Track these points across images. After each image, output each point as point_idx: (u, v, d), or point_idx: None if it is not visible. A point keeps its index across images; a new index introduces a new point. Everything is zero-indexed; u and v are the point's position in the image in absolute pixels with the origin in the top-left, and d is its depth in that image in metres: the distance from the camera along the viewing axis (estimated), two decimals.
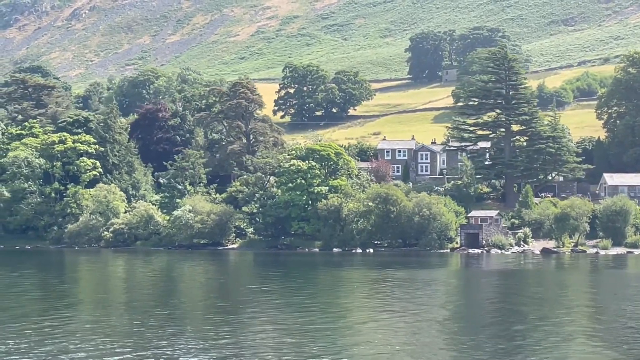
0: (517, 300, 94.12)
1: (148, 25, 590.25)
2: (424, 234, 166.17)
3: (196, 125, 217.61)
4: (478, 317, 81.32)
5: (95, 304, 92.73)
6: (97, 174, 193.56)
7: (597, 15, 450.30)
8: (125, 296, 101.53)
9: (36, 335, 68.81)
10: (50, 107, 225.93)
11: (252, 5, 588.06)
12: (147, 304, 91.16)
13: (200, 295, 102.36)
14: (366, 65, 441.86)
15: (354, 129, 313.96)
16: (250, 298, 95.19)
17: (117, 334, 70.20)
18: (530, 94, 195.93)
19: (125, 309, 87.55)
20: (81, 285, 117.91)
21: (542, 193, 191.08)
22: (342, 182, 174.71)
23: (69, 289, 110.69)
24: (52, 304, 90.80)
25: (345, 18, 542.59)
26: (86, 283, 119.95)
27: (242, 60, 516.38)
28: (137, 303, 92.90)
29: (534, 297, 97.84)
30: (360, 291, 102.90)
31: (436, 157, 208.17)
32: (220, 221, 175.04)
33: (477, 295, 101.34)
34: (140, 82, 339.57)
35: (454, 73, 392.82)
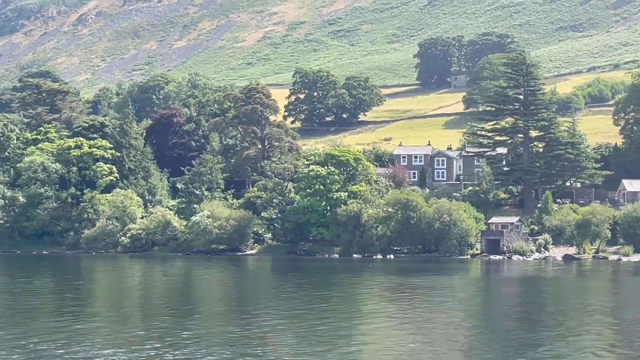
0: (545, 308, 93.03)
1: (154, 30, 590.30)
2: (444, 240, 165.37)
3: (211, 131, 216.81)
4: (506, 326, 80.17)
5: (116, 311, 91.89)
6: (113, 179, 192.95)
7: (605, 21, 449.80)
8: (147, 303, 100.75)
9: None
10: (65, 112, 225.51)
11: (258, 11, 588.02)
12: (167, 311, 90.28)
13: (222, 302, 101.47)
14: (374, 71, 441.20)
15: (365, 134, 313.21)
16: (274, 305, 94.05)
17: (133, 341, 69.41)
18: (548, 100, 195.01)
19: (145, 316, 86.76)
20: (104, 291, 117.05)
21: (559, 199, 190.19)
22: (362, 187, 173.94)
23: (94, 295, 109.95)
24: (77, 312, 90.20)
25: (352, 24, 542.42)
26: (108, 289, 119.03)
27: (249, 66, 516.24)
28: (157, 310, 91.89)
29: (561, 304, 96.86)
30: (385, 299, 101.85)
31: (452, 162, 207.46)
32: (239, 227, 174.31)
33: (504, 302, 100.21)
34: (150, 87, 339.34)
35: (462, 79, 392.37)
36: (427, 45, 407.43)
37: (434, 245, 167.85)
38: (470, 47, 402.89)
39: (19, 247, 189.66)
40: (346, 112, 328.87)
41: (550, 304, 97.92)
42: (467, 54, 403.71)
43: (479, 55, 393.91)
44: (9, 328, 75.50)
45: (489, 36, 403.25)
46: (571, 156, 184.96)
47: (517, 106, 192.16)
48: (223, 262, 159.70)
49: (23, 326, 76.64)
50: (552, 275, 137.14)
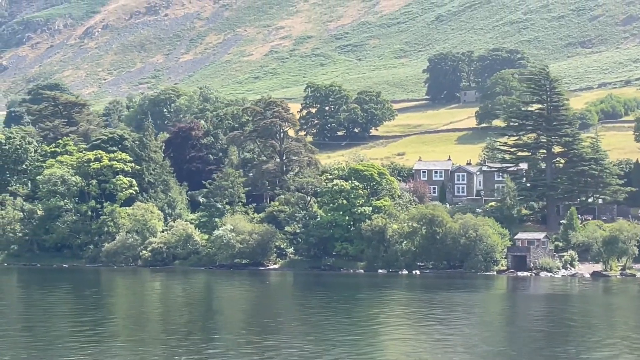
0: (584, 326, 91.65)
1: (161, 44, 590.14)
2: (470, 256, 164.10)
3: (229, 144, 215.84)
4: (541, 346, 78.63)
5: (142, 329, 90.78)
6: (133, 193, 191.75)
7: (614, 37, 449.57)
8: (172, 319, 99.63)
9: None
10: (82, 125, 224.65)
11: (265, 25, 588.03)
12: (195, 327, 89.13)
13: (249, 319, 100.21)
14: (382, 85, 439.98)
15: (377, 149, 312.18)
16: (304, 323, 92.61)
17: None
18: (572, 115, 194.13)
19: (168, 332, 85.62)
20: (132, 306, 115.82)
21: (582, 215, 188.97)
22: (386, 202, 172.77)
23: (122, 310, 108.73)
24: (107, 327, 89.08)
25: (359, 38, 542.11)
26: (135, 304, 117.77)
27: (257, 80, 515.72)
28: (184, 326, 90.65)
29: (597, 322, 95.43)
30: (417, 317, 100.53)
31: (473, 178, 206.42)
32: (262, 241, 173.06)
33: (537, 320, 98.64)
34: (162, 100, 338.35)
35: (472, 94, 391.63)
36: (436, 60, 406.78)
37: (458, 261, 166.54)
38: (480, 62, 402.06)
39: (38, 260, 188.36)
40: (358, 126, 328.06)
41: (588, 322, 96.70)
42: (477, 70, 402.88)
43: (488, 71, 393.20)
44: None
45: (499, 52, 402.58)
46: (595, 172, 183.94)
47: (540, 121, 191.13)
48: (246, 277, 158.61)
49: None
50: (584, 293, 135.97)
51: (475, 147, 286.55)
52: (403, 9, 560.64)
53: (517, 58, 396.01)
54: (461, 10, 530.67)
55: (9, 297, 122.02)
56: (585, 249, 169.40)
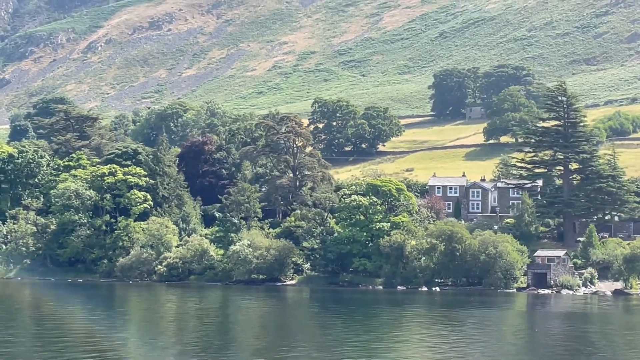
0: (604, 347, 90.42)
1: (164, 59, 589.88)
2: (489, 273, 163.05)
3: (242, 159, 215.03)
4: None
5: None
6: (147, 207, 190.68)
7: (619, 55, 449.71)
8: (192, 335, 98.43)
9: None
10: (94, 139, 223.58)
11: (268, 41, 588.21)
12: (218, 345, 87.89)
13: (277, 339, 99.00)
14: (387, 101, 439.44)
15: (385, 164, 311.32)
16: (330, 340, 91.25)
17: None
18: (590, 132, 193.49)
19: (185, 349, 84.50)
20: (167, 321, 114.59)
21: (598, 233, 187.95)
22: (404, 218, 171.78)
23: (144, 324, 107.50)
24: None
25: (363, 54, 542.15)
26: (159, 320, 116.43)
27: (260, 95, 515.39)
28: (205, 344, 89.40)
29: (618, 342, 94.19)
30: (441, 334, 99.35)
31: (488, 194, 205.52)
32: (279, 256, 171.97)
33: (566, 340, 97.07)
34: (169, 114, 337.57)
35: (478, 110, 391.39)
36: (442, 76, 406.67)
37: (477, 278, 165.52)
38: (486, 79, 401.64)
39: (51, 274, 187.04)
40: (365, 142, 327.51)
41: (613, 340, 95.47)
42: (483, 86, 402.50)
43: (494, 88, 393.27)
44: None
45: (504, 68, 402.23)
46: (613, 189, 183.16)
47: (557, 138, 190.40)
48: (265, 292, 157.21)
49: None
50: (607, 312, 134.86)
51: (483, 164, 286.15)
52: (406, 25, 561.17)
53: (522, 75, 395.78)
54: (465, 27, 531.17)
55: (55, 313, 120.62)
56: (604, 267, 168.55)
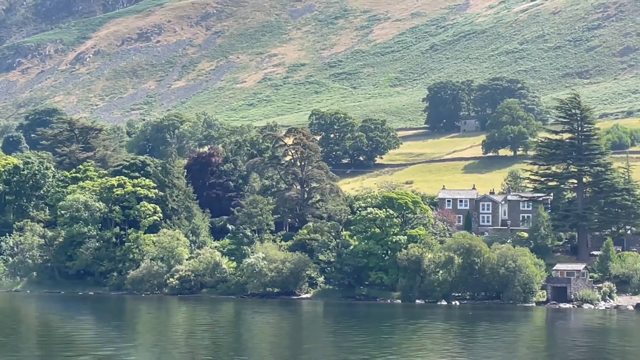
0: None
1: (153, 70, 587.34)
2: (508, 287, 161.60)
3: (250, 171, 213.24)
4: None
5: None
6: (157, 219, 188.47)
7: (612, 68, 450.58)
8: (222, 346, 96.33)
9: None
10: (99, 150, 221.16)
11: (258, 53, 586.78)
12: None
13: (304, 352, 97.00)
14: (379, 114, 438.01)
15: (384, 177, 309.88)
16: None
17: None
18: (604, 145, 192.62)
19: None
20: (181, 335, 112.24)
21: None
22: (421, 231, 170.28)
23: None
24: None
25: (353, 67, 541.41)
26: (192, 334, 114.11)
27: (251, 107, 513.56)
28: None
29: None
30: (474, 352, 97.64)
31: (498, 207, 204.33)
32: (295, 270, 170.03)
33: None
34: (165, 126, 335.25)
35: (472, 123, 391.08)
36: (436, 89, 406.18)
37: (496, 292, 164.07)
38: (480, 91, 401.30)
39: (60, 287, 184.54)
40: (363, 154, 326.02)
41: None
42: (477, 99, 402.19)
43: (489, 100, 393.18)
44: None
45: (499, 81, 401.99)
46: (628, 203, 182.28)
47: (570, 151, 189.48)
48: (282, 307, 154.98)
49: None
50: (633, 327, 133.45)
51: (483, 176, 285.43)
52: (397, 38, 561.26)
53: (517, 88, 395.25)
54: (456, 39, 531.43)
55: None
56: (621, 281, 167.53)
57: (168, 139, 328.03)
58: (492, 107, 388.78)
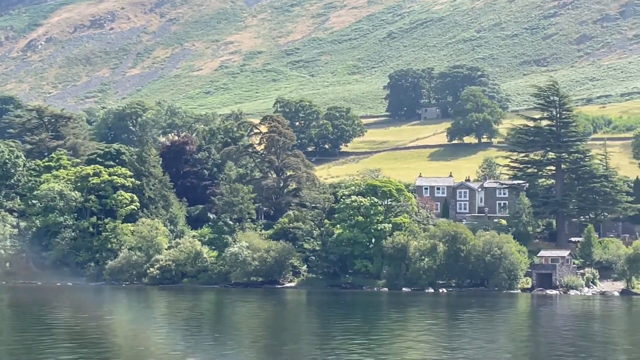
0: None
1: (107, 58, 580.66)
2: (494, 273, 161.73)
3: (224, 159, 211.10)
4: None
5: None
6: (134, 208, 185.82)
7: (569, 56, 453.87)
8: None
9: None
10: (69, 139, 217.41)
11: (214, 40, 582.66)
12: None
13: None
14: (339, 102, 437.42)
15: (350, 165, 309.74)
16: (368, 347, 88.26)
17: None
18: (582, 132, 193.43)
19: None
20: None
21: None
22: (405, 219, 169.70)
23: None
24: None
25: (311, 54, 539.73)
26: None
27: (208, 95, 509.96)
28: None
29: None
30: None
31: (475, 194, 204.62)
32: (279, 258, 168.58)
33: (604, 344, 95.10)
34: (127, 114, 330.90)
35: (433, 111, 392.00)
36: (397, 77, 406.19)
37: (481, 279, 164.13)
38: (441, 79, 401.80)
39: (36, 278, 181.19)
40: (328, 142, 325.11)
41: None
42: (437, 87, 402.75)
43: (449, 88, 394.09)
44: None
45: (459, 69, 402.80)
46: (607, 189, 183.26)
47: (549, 138, 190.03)
48: (270, 296, 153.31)
49: None
50: (625, 312, 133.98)
51: (449, 164, 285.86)
52: (353, 26, 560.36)
53: (477, 75, 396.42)
54: (413, 27, 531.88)
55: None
56: (603, 267, 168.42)
57: (130, 127, 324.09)
58: (453, 95, 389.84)
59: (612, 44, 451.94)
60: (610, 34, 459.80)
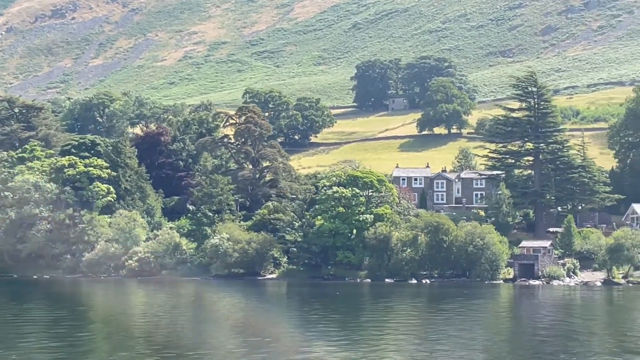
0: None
1: (69, 48, 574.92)
2: (476, 264, 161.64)
3: (200, 150, 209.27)
4: None
5: None
6: (111, 200, 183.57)
7: (534, 47, 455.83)
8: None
9: None
10: (41, 130, 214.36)
11: (177, 30, 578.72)
12: None
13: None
14: (305, 92, 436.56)
15: (320, 156, 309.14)
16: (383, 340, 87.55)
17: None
18: (560, 122, 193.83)
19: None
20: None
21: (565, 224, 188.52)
22: (387, 210, 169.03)
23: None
24: None
25: (275, 45, 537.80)
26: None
27: (172, 86, 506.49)
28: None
29: None
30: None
31: (452, 185, 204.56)
32: (261, 250, 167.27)
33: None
34: (94, 105, 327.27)
35: (401, 102, 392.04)
36: (364, 67, 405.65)
37: (463, 270, 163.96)
38: (408, 70, 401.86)
39: (11, 271, 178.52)
40: (298, 133, 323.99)
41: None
42: (405, 77, 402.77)
43: (417, 79, 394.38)
44: None
45: (427, 60, 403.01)
46: (585, 180, 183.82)
47: (527, 128, 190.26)
48: (253, 288, 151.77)
49: None
50: (613, 302, 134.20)
51: (419, 155, 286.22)
52: (318, 17, 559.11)
53: (445, 66, 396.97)
54: (378, 18, 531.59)
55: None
56: (582, 257, 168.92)
57: (98, 118, 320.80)
58: (420, 86, 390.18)
59: (577, 35, 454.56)
60: (575, 25, 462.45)
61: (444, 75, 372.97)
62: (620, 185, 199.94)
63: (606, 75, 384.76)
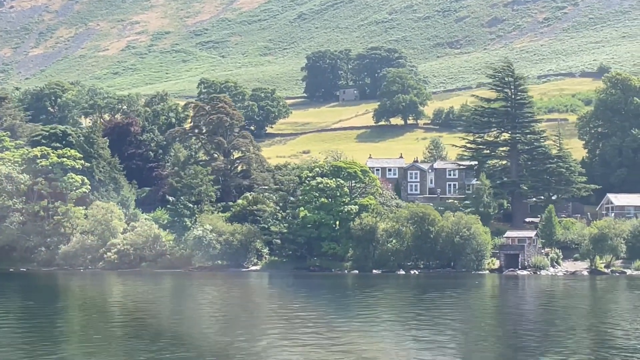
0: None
1: (7, 37, 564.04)
2: (461, 254, 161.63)
3: (170, 141, 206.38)
4: None
5: None
6: (85, 191, 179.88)
7: (481, 39, 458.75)
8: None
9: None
10: (6, 120, 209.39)
11: (119, 20, 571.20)
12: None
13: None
14: (253, 83, 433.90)
15: (278, 147, 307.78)
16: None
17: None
18: (536, 112, 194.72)
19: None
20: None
21: (539, 214, 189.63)
22: (371, 200, 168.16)
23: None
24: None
25: (220, 35, 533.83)
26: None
27: (116, 76, 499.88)
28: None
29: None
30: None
31: (425, 175, 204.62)
32: (245, 241, 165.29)
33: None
34: (45, 95, 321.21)
35: (351, 92, 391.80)
36: (314, 58, 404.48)
37: (449, 260, 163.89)
38: (359, 61, 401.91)
39: None
40: (254, 124, 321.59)
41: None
42: (355, 68, 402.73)
43: (367, 70, 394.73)
44: None
45: (377, 50, 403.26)
46: (562, 170, 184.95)
47: (503, 118, 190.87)
48: (241, 280, 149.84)
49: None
50: (608, 290, 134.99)
51: (377, 145, 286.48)
52: (263, 7, 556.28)
53: (395, 57, 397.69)
54: (323, 8, 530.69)
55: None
56: (563, 247, 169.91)
57: (49, 108, 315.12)
58: (371, 77, 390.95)
59: (523, 27, 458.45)
60: (521, 17, 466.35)
61: (394, 66, 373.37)
62: (591, 175, 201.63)
63: (555, 67, 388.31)
